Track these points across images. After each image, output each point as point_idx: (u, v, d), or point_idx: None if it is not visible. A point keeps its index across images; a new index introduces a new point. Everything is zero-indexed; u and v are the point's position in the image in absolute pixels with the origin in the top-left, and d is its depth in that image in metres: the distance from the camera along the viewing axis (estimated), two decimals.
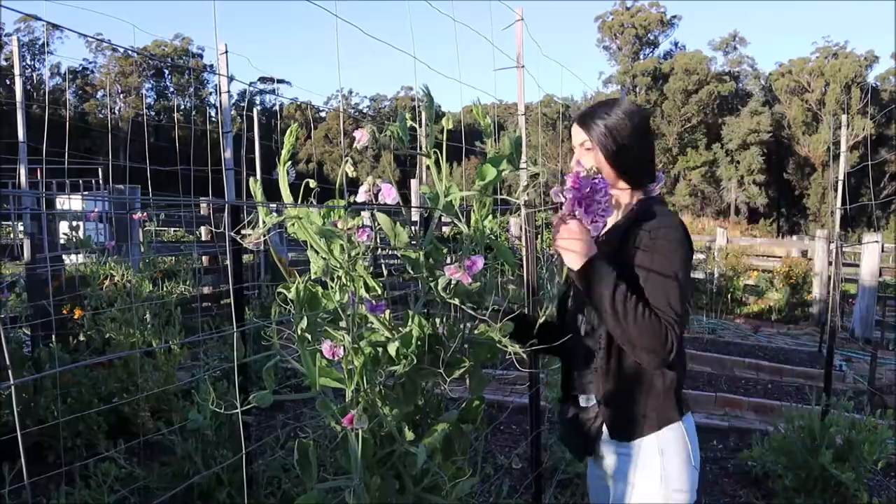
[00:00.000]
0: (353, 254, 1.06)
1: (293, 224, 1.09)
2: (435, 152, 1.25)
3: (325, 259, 1.11)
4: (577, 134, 1.49)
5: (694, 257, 1.48)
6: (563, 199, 1.28)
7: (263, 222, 1.08)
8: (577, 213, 1.28)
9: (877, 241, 8.02)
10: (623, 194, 1.50)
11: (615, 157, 1.44)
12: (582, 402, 1.51)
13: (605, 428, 1.47)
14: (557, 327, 1.57)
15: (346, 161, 1.07)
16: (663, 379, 1.42)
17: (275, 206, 1.15)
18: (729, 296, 9.92)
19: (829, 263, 6.02)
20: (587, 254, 1.29)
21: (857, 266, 8.58)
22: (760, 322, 9.17)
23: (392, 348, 1.11)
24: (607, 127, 1.44)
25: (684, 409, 1.47)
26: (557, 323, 1.62)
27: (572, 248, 1.29)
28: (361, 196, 1.12)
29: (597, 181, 1.27)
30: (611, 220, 1.52)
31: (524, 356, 1.19)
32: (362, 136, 1.09)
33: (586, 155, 1.47)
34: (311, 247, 1.14)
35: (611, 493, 1.50)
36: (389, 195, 1.10)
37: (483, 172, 1.23)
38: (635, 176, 1.47)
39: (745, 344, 7.23)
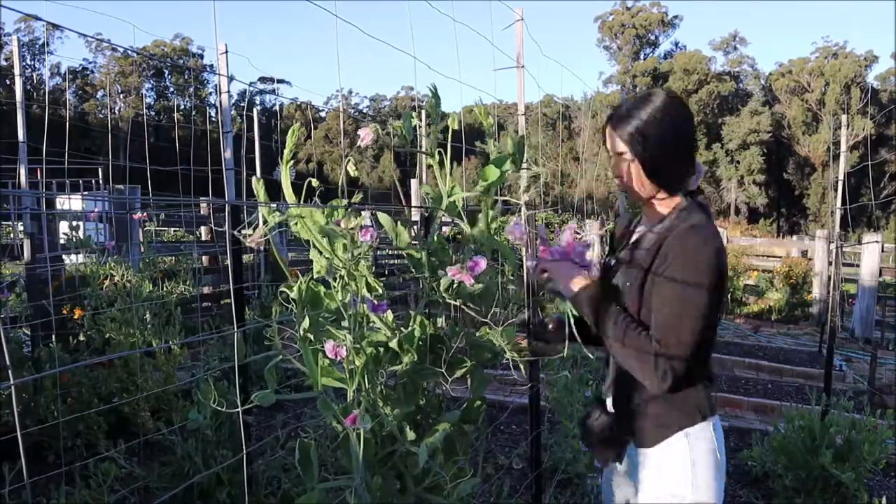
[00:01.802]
0: (355, 253, 1.05)
1: (296, 223, 1.09)
2: (439, 152, 1.25)
3: (327, 258, 1.11)
4: (611, 139, 1.39)
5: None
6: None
7: (266, 221, 1.08)
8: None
9: (877, 241, 8.02)
10: (661, 203, 1.40)
11: (651, 166, 1.35)
12: (608, 406, 1.49)
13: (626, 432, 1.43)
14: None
15: (348, 160, 1.07)
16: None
17: (275, 205, 1.14)
18: (729, 296, 9.92)
19: (829, 263, 6.02)
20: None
21: (857, 266, 8.58)
22: (760, 322, 9.16)
23: (394, 348, 1.11)
24: (641, 132, 1.34)
25: (706, 413, 1.37)
26: None
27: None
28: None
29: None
30: (644, 228, 1.45)
31: (520, 363, 1.18)
32: (366, 136, 1.09)
33: (623, 164, 1.38)
34: (314, 246, 1.13)
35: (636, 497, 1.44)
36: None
37: (486, 174, 1.22)
38: (672, 183, 1.38)
39: (745, 344, 7.23)
